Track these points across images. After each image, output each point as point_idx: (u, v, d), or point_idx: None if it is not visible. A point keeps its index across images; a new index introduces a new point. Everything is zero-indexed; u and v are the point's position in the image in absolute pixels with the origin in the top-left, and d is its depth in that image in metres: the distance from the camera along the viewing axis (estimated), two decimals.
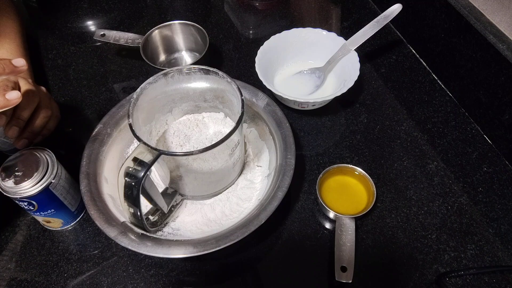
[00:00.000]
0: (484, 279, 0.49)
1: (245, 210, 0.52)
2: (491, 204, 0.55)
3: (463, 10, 0.60)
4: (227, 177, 0.53)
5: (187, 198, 0.54)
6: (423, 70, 0.71)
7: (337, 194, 0.55)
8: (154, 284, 0.50)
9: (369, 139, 0.62)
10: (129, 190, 0.42)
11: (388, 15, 0.64)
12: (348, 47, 0.64)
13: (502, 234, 0.52)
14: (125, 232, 0.46)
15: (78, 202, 0.53)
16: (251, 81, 0.62)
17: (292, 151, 0.53)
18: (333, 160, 0.60)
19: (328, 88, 0.67)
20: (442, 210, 0.55)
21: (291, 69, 0.69)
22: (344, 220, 0.51)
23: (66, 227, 0.54)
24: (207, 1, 0.86)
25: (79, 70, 0.74)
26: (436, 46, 0.68)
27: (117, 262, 0.51)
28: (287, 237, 0.53)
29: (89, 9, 0.85)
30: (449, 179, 0.58)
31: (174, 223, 0.52)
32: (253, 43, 0.76)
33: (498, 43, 0.55)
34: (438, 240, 0.52)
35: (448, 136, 0.62)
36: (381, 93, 0.68)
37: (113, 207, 0.50)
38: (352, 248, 0.49)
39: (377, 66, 0.73)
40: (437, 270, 0.50)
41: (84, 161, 0.52)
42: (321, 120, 0.65)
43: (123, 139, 0.57)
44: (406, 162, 0.59)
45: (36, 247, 0.53)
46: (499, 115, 0.58)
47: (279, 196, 0.48)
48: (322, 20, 0.83)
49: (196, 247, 0.45)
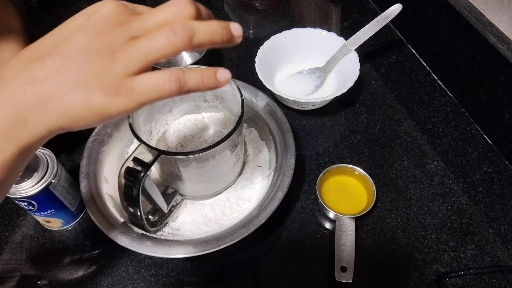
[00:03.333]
0: (484, 279, 0.49)
1: (245, 210, 0.52)
2: (491, 204, 0.55)
3: (463, 10, 0.60)
4: (227, 177, 0.53)
5: (187, 198, 0.54)
6: (423, 70, 0.71)
7: (337, 194, 0.55)
8: (154, 284, 0.50)
9: (369, 139, 0.62)
10: (129, 190, 0.42)
11: (388, 15, 0.64)
12: (348, 47, 0.64)
13: (502, 234, 0.52)
14: (125, 232, 0.46)
15: (78, 202, 0.53)
16: (251, 81, 0.62)
17: (292, 151, 0.53)
18: (333, 160, 0.60)
19: (328, 88, 0.67)
20: (442, 210, 0.55)
21: (291, 69, 0.69)
22: (344, 220, 0.51)
23: (66, 227, 0.54)
24: (207, 1, 0.86)
25: None
26: (436, 46, 0.68)
27: (117, 262, 0.51)
28: (287, 237, 0.53)
29: None
30: (449, 179, 0.58)
31: (174, 223, 0.52)
32: (253, 43, 0.76)
33: (498, 43, 0.55)
34: (438, 240, 0.52)
35: (448, 136, 0.62)
36: (381, 93, 0.68)
37: (113, 207, 0.50)
38: (352, 248, 0.49)
39: (377, 66, 0.73)
40: (437, 270, 0.50)
41: (84, 161, 0.52)
42: (321, 120, 0.65)
43: (123, 139, 0.57)
44: (406, 162, 0.59)
45: (36, 247, 0.53)
46: (499, 115, 0.58)
47: (279, 196, 0.48)
48: (322, 20, 0.83)
49: (196, 247, 0.45)
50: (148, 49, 0.26)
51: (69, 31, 0.27)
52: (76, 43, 0.26)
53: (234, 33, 0.29)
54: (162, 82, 0.27)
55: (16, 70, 0.26)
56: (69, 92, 0.26)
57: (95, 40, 0.26)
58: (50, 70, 0.26)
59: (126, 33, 0.27)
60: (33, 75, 0.26)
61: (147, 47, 0.26)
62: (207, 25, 0.27)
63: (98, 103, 0.26)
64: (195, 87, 0.28)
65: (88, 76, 0.26)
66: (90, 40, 0.26)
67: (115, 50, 0.26)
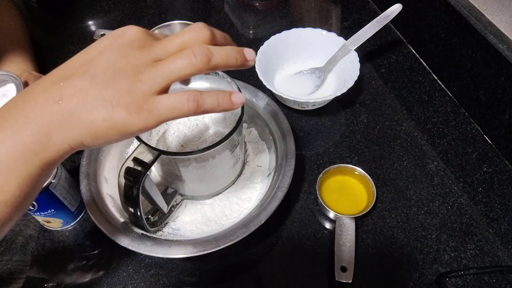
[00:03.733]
0: (484, 279, 0.49)
1: (245, 210, 0.52)
2: (491, 204, 0.55)
3: (463, 10, 0.60)
4: (227, 177, 0.53)
5: (187, 198, 0.54)
6: (423, 70, 0.71)
7: (337, 194, 0.55)
8: (154, 284, 0.50)
9: (369, 139, 0.62)
10: (129, 190, 0.42)
11: (388, 15, 0.64)
12: (348, 47, 0.64)
13: (502, 234, 0.52)
14: (125, 232, 0.46)
15: (78, 202, 0.53)
16: (251, 81, 0.62)
17: (292, 151, 0.53)
18: (333, 160, 0.60)
19: (328, 88, 0.67)
20: (442, 210, 0.55)
21: (291, 69, 0.69)
22: (344, 220, 0.51)
23: (66, 227, 0.54)
24: (207, 1, 0.86)
25: None
26: (436, 46, 0.68)
27: (117, 262, 0.51)
28: (287, 237, 0.53)
29: (89, 9, 0.85)
30: (449, 179, 0.58)
31: (174, 223, 0.52)
32: (253, 43, 0.76)
33: (498, 43, 0.55)
34: (438, 240, 0.52)
35: (448, 136, 0.62)
36: (381, 93, 0.68)
37: (113, 207, 0.50)
38: (352, 248, 0.49)
39: (377, 66, 0.73)
40: (437, 270, 0.50)
41: (84, 161, 0.52)
42: (321, 120, 0.65)
43: None
44: (406, 162, 0.59)
45: (36, 247, 0.53)
46: (499, 115, 0.58)
47: (279, 196, 0.48)
48: (322, 20, 0.83)
49: (196, 247, 0.45)
50: (170, 70, 0.29)
51: (96, 52, 0.29)
52: (103, 63, 0.28)
53: (248, 57, 0.32)
54: (181, 103, 0.29)
55: (44, 88, 0.28)
56: (94, 108, 0.28)
57: (121, 61, 0.28)
58: (76, 89, 0.28)
59: (149, 56, 0.29)
60: (60, 93, 0.28)
61: (169, 69, 0.29)
62: (223, 49, 0.30)
63: (121, 119, 0.28)
64: (210, 108, 0.30)
65: (113, 95, 0.28)
66: (116, 61, 0.28)
67: (139, 71, 0.28)
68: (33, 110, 0.28)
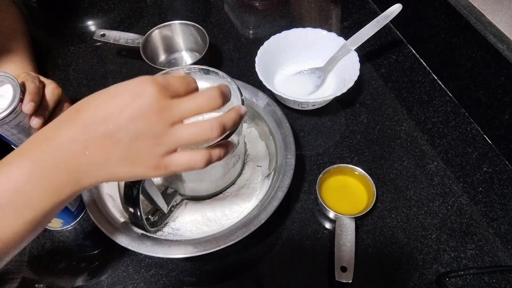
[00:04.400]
0: (484, 279, 0.49)
1: (245, 210, 0.52)
2: (491, 204, 0.55)
3: (463, 10, 0.60)
4: (227, 177, 0.53)
5: (187, 198, 0.54)
6: (423, 70, 0.71)
7: (337, 194, 0.55)
8: (154, 284, 0.50)
9: (369, 139, 0.62)
10: (129, 190, 0.42)
11: (388, 15, 0.64)
12: (348, 47, 0.64)
13: (502, 234, 0.52)
14: (125, 232, 0.46)
15: (78, 202, 0.53)
16: (251, 81, 0.62)
17: (292, 151, 0.53)
18: (333, 160, 0.60)
19: (328, 88, 0.67)
20: (442, 210, 0.55)
21: (291, 69, 0.69)
22: (344, 220, 0.51)
23: (66, 227, 0.54)
24: (207, 1, 0.86)
25: (79, 70, 0.74)
26: (436, 46, 0.68)
27: (117, 262, 0.51)
28: (287, 237, 0.53)
29: (89, 9, 0.85)
30: (449, 179, 0.58)
31: (174, 223, 0.52)
32: (253, 43, 0.76)
33: (498, 43, 0.55)
34: (438, 240, 0.52)
35: (448, 136, 0.62)
36: (381, 93, 0.68)
37: (113, 207, 0.50)
38: (352, 248, 0.49)
39: (377, 66, 0.73)
40: (437, 270, 0.50)
41: None
42: (321, 120, 0.65)
43: None
44: (406, 162, 0.59)
45: (36, 247, 0.53)
46: (499, 115, 0.58)
47: (279, 196, 0.48)
48: (322, 20, 0.83)
49: (196, 247, 0.45)
50: (187, 138, 0.33)
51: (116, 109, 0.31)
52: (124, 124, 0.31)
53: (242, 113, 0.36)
54: (194, 161, 0.34)
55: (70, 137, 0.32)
56: (117, 165, 0.32)
57: (140, 126, 0.31)
58: (101, 147, 0.31)
59: (167, 121, 0.32)
60: (86, 147, 0.31)
61: (187, 135, 0.32)
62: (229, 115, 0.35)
63: (140, 173, 0.33)
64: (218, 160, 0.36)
65: (133, 156, 0.32)
66: (136, 124, 0.31)
67: (158, 135, 0.32)
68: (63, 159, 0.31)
